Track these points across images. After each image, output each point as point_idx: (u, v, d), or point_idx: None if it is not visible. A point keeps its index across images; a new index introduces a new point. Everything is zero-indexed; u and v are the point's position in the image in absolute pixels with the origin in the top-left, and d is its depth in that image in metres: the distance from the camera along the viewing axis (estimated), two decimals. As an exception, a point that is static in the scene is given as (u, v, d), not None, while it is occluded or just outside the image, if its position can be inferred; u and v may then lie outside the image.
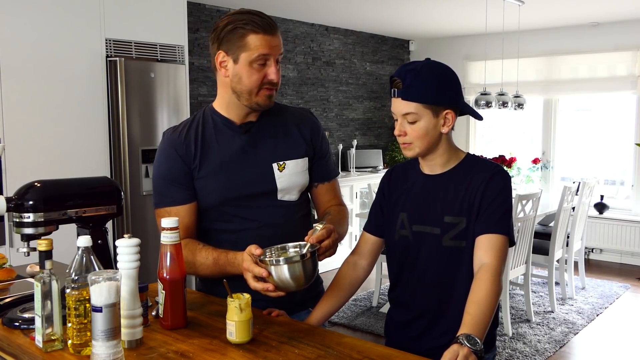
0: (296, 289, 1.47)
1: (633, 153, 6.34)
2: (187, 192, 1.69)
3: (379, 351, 1.35)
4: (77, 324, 1.29)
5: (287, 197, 1.74)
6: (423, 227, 1.56)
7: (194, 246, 1.66)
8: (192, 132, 1.71)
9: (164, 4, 4.29)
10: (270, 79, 1.62)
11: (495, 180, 1.52)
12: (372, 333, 4.18)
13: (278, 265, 1.44)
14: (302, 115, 1.83)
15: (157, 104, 4.18)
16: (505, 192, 1.53)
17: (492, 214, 1.49)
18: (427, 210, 1.57)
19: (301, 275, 1.45)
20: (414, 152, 1.55)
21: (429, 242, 1.55)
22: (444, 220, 1.53)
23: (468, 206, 1.51)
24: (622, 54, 6.30)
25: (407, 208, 1.61)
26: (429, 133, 1.52)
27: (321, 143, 1.82)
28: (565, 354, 3.92)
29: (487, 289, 1.41)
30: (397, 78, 1.51)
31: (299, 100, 6.38)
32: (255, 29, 1.59)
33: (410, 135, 1.52)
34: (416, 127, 1.51)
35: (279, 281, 1.44)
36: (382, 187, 1.71)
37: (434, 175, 1.59)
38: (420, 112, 1.49)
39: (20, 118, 3.54)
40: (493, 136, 7.47)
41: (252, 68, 1.61)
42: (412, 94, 1.49)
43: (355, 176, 6.32)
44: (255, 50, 1.59)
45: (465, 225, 1.51)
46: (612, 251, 6.35)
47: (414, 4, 5.51)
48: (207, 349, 1.35)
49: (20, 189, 1.58)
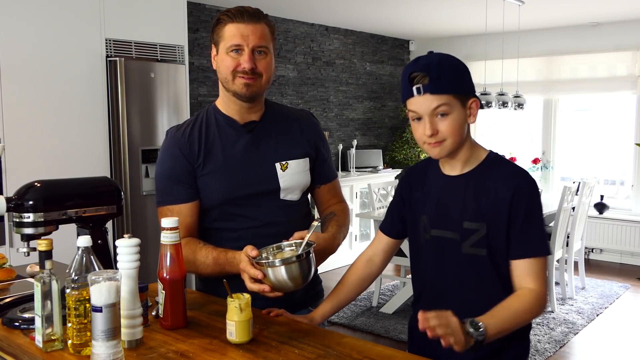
0: (294, 289, 1.47)
1: (633, 153, 6.34)
2: (190, 191, 1.69)
3: (379, 351, 1.35)
4: (77, 324, 1.29)
5: (289, 196, 1.75)
6: (442, 231, 1.48)
7: (194, 245, 1.66)
8: (195, 130, 1.72)
9: (164, 4, 4.29)
10: (242, 67, 1.63)
11: (523, 192, 1.41)
12: (372, 333, 4.17)
13: (274, 267, 1.44)
14: (303, 116, 1.85)
15: (157, 104, 4.18)
16: (534, 205, 1.42)
17: (528, 234, 1.40)
18: (446, 214, 1.48)
19: (298, 275, 1.45)
20: (447, 149, 1.43)
21: (448, 247, 1.47)
22: (463, 225, 1.44)
23: (492, 213, 1.42)
24: (622, 54, 6.30)
25: (427, 210, 1.52)
26: (462, 125, 1.43)
27: (322, 144, 1.84)
28: (565, 354, 3.92)
29: (524, 306, 1.36)
30: (420, 72, 1.39)
31: (299, 100, 6.38)
32: (231, 18, 1.63)
33: (443, 132, 1.41)
34: (449, 120, 1.40)
35: (276, 282, 1.44)
36: (401, 189, 1.63)
37: (453, 177, 1.50)
38: (452, 102, 1.40)
39: (20, 118, 3.54)
40: (493, 136, 7.47)
41: (228, 56, 1.64)
42: (442, 85, 1.39)
43: (355, 176, 6.32)
44: (229, 40, 1.63)
45: (485, 232, 1.42)
46: (612, 251, 6.35)
47: (414, 4, 5.51)
48: (207, 349, 1.34)
49: (20, 189, 1.59)
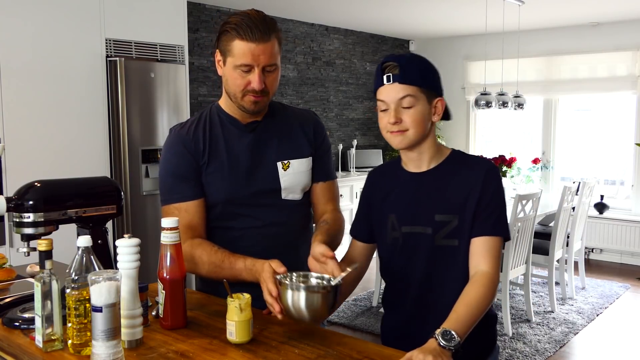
0: (308, 319, 1.38)
1: (633, 153, 6.34)
2: (196, 188, 1.68)
3: (379, 351, 1.35)
4: (77, 324, 1.29)
5: (290, 196, 1.75)
6: (413, 227, 1.53)
7: (208, 247, 1.63)
8: (200, 129, 1.71)
9: (164, 4, 4.29)
10: (252, 87, 1.60)
11: (491, 178, 1.50)
12: (372, 333, 4.18)
13: (296, 291, 1.36)
14: (306, 116, 1.85)
15: (157, 104, 4.18)
16: (500, 190, 1.52)
17: (490, 215, 1.48)
18: (416, 210, 1.54)
19: (317, 307, 1.36)
20: (408, 140, 1.50)
21: (420, 242, 1.52)
22: (435, 219, 1.50)
23: (461, 204, 1.49)
24: (622, 54, 6.30)
25: (395, 209, 1.58)
26: (425, 119, 1.49)
27: (322, 142, 1.83)
28: (565, 354, 3.92)
29: (480, 294, 1.41)
30: (392, 62, 1.48)
31: (299, 100, 6.38)
32: (241, 36, 1.56)
33: (406, 121, 1.48)
34: (413, 111, 1.47)
35: (292, 307, 1.36)
36: (366, 191, 1.69)
37: (420, 173, 1.56)
38: (417, 95, 1.47)
39: (20, 118, 3.54)
40: (493, 136, 7.47)
41: (236, 73, 1.60)
42: (410, 76, 1.46)
43: (355, 176, 6.32)
44: (239, 58, 1.58)
45: (457, 223, 1.49)
46: (612, 251, 6.35)
47: (414, 4, 5.51)
48: (207, 349, 1.34)
49: (20, 189, 1.59)
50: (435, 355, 1.23)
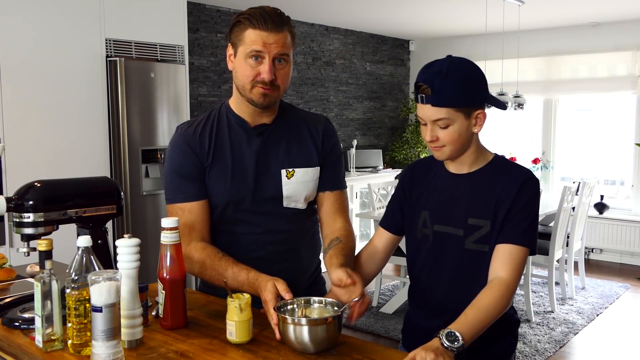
0: (313, 350, 1.31)
1: (633, 153, 6.34)
2: (200, 188, 1.66)
3: (379, 351, 1.35)
4: (77, 324, 1.29)
5: (293, 204, 1.70)
6: (445, 227, 1.52)
7: (213, 253, 1.61)
8: (207, 129, 1.68)
9: (164, 4, 4.29)
10: (262, 77, 1.57)
11: (528, 187, 1.47)
12: (372, 333, 4.17)
13: (298, 325, 1.30)
14: (316, 121, 1.77)
15: (157, 104, 4.18)
16: (535, 202, 1.48)
17: (519, 223, 1.45)
18: (450, 210, 1.52)
19: (321, 340, 1.31)
20: (446, 155, 1.50)
21: (451, 243, 1.51)
22: (468, 222, 1.49)
23: (495, 210, 1.47)
24: (622, 54, 6.30)
25: (429, 206, 1.56)
26: (462, 135, 1.47)
27: (331, 149, 1.76)
28: (565, 354, 3.92)
29: (493, 300, 1.38)
30: (424, 84, 1.43)
31: (299, 100, 6.38)
32: (254, 25, 1.55)
33: (442, 139, 1.47)
34: (449, 131, 1.45)
35: (294, 339, 1.30)
36: (403, 183, 1.65)
37: (460, 175, 1.54)
38: (452, 116, 1.44)
39: (20, 118, 3.54)
40: (493, 136, 7.46)
41: (247, 63, 1.58)
42: (442, 99, 1.42)
43: (355, 176, 6.32)
44: (249, 45, 1.56)
45: (489, 229, 1.47)
46: (612, 251, 6.35)
47: (414, 4, 5.51)
48: (207, 349, 1.34)
49: (20, 189, 1.59)
50: (438, 355, 1.22)
